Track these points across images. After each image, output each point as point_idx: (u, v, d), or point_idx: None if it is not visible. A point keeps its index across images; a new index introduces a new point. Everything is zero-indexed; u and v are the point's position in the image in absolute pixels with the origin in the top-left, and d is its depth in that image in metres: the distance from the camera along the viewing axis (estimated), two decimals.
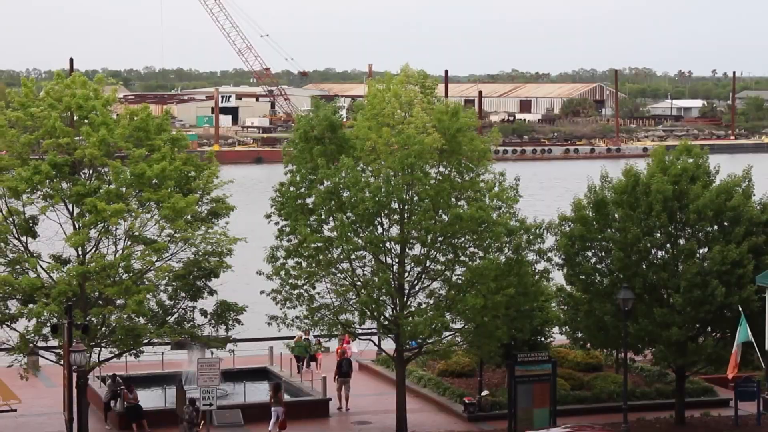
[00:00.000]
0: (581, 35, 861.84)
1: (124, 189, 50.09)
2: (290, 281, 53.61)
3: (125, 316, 49.79)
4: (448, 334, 54.74)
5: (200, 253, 51.65)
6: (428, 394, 61.29)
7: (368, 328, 58.21)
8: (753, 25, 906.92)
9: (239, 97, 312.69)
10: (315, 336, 62.15)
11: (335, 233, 53.00)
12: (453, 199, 53.58)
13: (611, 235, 55.71)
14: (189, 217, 50.63)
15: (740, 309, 50.65)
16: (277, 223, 54.18)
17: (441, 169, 54.05)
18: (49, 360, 53.40)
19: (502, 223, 53.43)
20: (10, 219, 49.92)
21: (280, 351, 65.53)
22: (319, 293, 54.17)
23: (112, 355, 52.20)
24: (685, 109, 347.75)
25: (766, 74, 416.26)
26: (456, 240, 53.52)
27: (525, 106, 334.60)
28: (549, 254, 55.68)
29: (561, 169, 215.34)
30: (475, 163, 54.34)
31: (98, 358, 51.39)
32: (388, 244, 53.80)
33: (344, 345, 65.88)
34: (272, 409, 56.49)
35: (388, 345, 58.83)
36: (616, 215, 55.88)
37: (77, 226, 49.99)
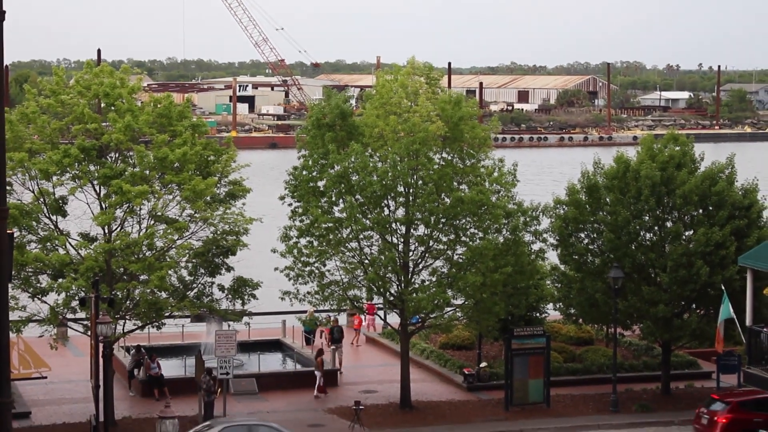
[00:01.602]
0: (576, 30, 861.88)
1: (147, 172, 50.10)
2: (302, 259, 53.67)
3: (148, 290, 49.85)
4: (449, 309, 54.76)
5: (218, 232, 51.67)
6: (430, 365, 61.38)
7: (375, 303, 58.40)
8: (738, 22, 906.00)
9: (255, 86, 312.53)
10: (323, 310, 62.18)
11: (345, 214, 53.04)
12: (455, 183, 53.64)
13: (603, 218, 55.74)
14: (208, 198, 50.64)
15: (723, 288, 50.65)
16: (290, 205, 54.26)
17: (444, 155, 54.10)
18: (77, 331, 53.46)
19: (501, 206, 53.48)
20: (42, 199, 49.94)
21: (292, 324, 65.57)
22: (329, 270, 54.24)
23: (136, 326, 52.26)
24: (673, 101, 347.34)
25: (749, 68, 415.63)
26: (457, 221, 53.54)
27: (523, 96, 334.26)
28: (544, 235, 55.74)
29: (556, 156, 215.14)
30: (476, 149, 54.40)
31: (123, 329, 51.46)
32: (394, 225, 53.84)
33: (359, 318, 67.00)
34: (315, 372, 57.70)
35: (394, 319, 58.92)
36: (607, 199, 55.93)
37: (104, 206, 50.01)
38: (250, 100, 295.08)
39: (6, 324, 11.15)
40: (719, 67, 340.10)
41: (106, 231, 50.28)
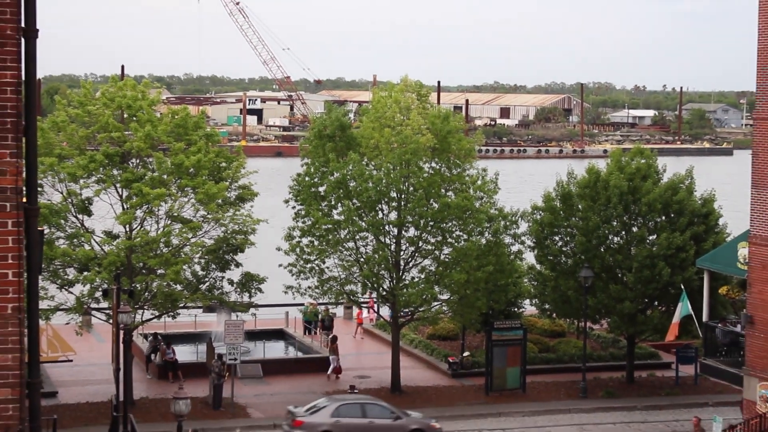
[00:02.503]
0: (553, 53, 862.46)
1: (165, 176, 50.06)
2: (304, 257, 53.68)
3: (165, 283, 49.81)
4: (436, 303, 54.84)
5: (228, 232, 51.64)
6: (418, 354, 61.34)
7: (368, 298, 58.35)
8: (699, 47, 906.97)
9: (263, 100, 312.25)
10: (322, 303, 62.17)
11: (343, 217, 53.11)
12: (442, 190, 53.67)
13: (575, 223, 55.78)
14: (220, 201, 50.62)
15: (682, 287, 50.66)
16: (293, 208, 54.27)
17: (433, 164, 54.16)
18: (100, 319, 53.47)
19: (484, 211, 53.53)
20: (69, 200, 49.90)
21: (294, 316, 65.59)
22: (328, 267, 54.25)
23: (153, 316, 52.24)
24: (640, 118, 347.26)
25: (709, 89, 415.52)
26: (444, 224, 53.56)
27: (504, 112, 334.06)
28: (522, 238, 55.85)
29: (534, 167, 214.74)
30: (462, 160, 54.43)
31: (141, 318, 51.43)
32: (387, 227, 53.88)
33: (360, 313, 67.36)
34: (330, 357, 57.70)
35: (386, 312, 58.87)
36: (579, 206, 55.94)
37: (125, 207, 49.99)
38: (258, 113, 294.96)
39: (36, 312, 11.16)
40: (681, 88, 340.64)
41: (128, 229, 50.26)
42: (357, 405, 47.26)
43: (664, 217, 54.95)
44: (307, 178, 54.18)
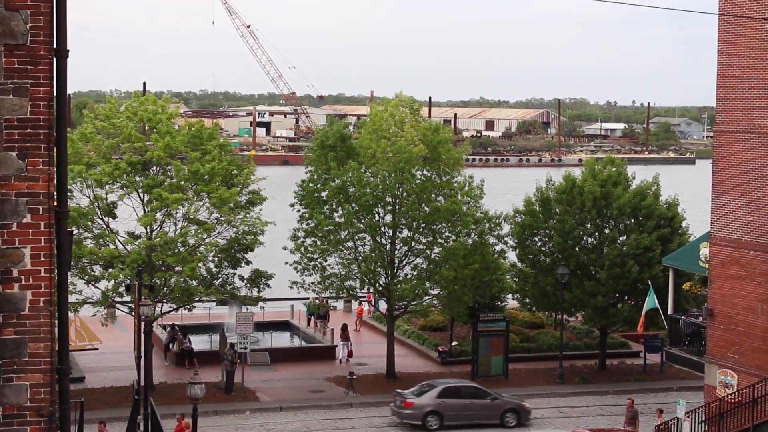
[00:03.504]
0: (533, 71, 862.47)
1: (182, 182, 50.12)
2: (308, 255, 53.69)
3: (182, 279, 49.82)
4: (427, 297, 54.88)
5: (239, 233, 51.65)
6: (411, 343, 61.35)
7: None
8: (665, 67, 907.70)
9: (271, 114, 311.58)
10: (324, 297, 62.17)
11: (343, 219, 53.15)
12: (433, 195, 53.73)
13: (553, 225, 55.84)
14: (232, 204, 50.62)
15: (649, 283, 50.68)
16: (298, 211, 54.31)
17: (424, 172, 54.21)
18: (123, 311, 53.41)
19: (470, 214, 53.59)
20: (96, 203, 49.91)
21: (298, 309, 65.60)
22: (329, 265, 54.27)
23: (171, 308, 52.25)
24: (611, 130, 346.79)
25: (674, 105, 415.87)
26: (435, 226, 53.60)
27: (489, 125, 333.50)
28: (505, 239, 55.88)
29: (515, 175, 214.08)
30: (451, 168, 54.47)
31: (160, 310, 51.39)
32: (382, 229, 53.94)
33: (360, 307, 67.20)
34: (341, 343, 58.28)
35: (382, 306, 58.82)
36: (557, 210, 56.02)
37: (146, 210, 50.00)
38: (267, 125, 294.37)
39: (65, 305, 11.15)
40: (649, 103, 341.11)
41: (148, 230, 50.28)
42: (458, 387, 48.00)
43: (633, 220, 55.03)
44: (310, 184, 54.22)
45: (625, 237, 54.87)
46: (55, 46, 11.88)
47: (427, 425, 46.07)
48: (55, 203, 11.99)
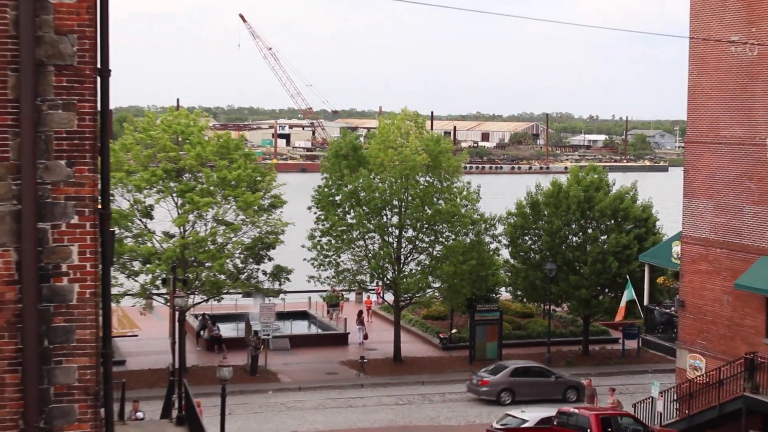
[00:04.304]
0: (524, 87, 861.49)
1: (212, 188, 50.17)
2: (323, 252, 53.74)
3: (211, 273, 49.90)
4: (429, 290, 54.88)
5: (263, 232, 51.72)
6: (415, 330, 61.36)
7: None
8: (641, 84, 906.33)
9: (291, 127, 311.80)
10: (338, 289, 62.22)
11: (354, 221, 53.17)
12: (435, 199, 53.76)
13: (542, 226, 55.83)
14: (256, 207, 50.72)
15: (627, 277, 50.65)
16: (315, 213, 54.36)
17: (427, 178, 54.21)
18: (160, 302, 53.56)
19: (468, 216, 53.60)
20: (135, 206, 50.02)
21: (315, 300, 65.62)
22: (342, 261, 54.31)
23: (202, 299, 52.31)
24: (593, 141, 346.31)
25: (649, 118, 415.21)
26: (436, 227, 53.63)
27: (485, 137, 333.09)
28: (499, 238, 55.94)
29: (508, 181, 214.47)
30: (451, 175, 54.49)
31: (193, 301, 51.51)
32: (390, 229, 53.95)
33: (369, 300, 66.99)
34: (357, 327, 58.69)
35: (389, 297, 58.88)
36: (545, 212, 56.01)
37: (180, 212, 50.10)
38: (287, 137, 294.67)
39: (109, 296, 11.20)
40: (627, 117, 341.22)
41: (182, 230, 50.38)
42: (527, 367, 48.75)
43: (612, 221, 55.03)
44: (325, 189, 54.27)
45: (605, 236, 54.88)
46: (98, 66, 11.92)
47: (501, 400, 46.80)
48: (99, 206, 12.02)
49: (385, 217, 53.78)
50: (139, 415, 39.34)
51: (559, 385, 47.88)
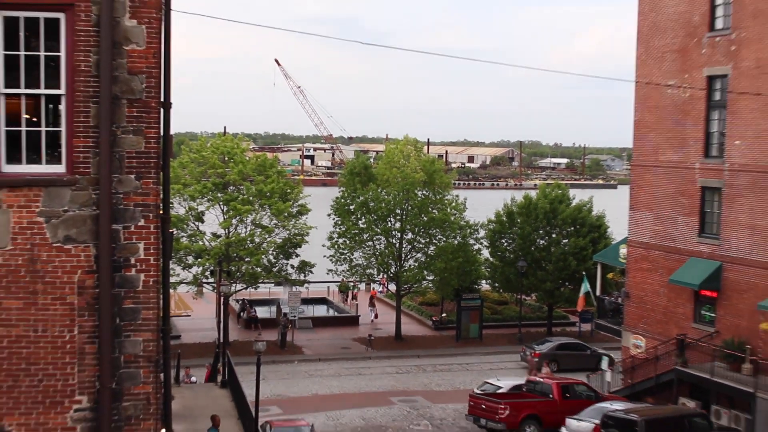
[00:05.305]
0: (503, 121, 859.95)
1: (251, 198, 50.23)
2: (339, 251, 53.79)
3: (250, 266, 49.91)
4: (425, 282, 54.83)
5: (291, 234, 51.69)
6: (413, 314, 61.28)
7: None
8: (597, 118, 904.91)
9: (315, 149, 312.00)
10: (350, 280, 62.22)
11: (365, 225, 53.17)
12: (430, 209, 53.73)
13: (515, 231, 55.80)
14: (286, 214, 50.76)
15: (584, 273, 50.66)
16: (333, 219, 54.44)
17: (424, 192, 54.23)
18: (208, 289, 53.53)
19: (456, 223, 53.62)
20: (189, 212, 50.10)
21: (333, 289, 65.59)
22: (355, 258, 54.32)
23: (242, 287, 52.30)
24: (557, 163, 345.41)
25: (602, 145, 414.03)
26: (431, 231, 53.64)
27: (470, 159, 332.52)
28: (481, 240, 55.84)
29: (489, 195, 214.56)
30: (443, 189, 54.52)
31: (234, 289, 51.56)
32: (393, 232, 53.94)
33: (374, 290, 66.80)
34: (369, 308, 58.81)
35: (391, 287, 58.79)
36: (518, 220, 55.97)
37: (225, 217, 50.13)
38: (311, 158, 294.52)
39: (168, 284, 11.27)
40: (584, 144, 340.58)
41: (226, 231, 50.41)
42: (568, 342, 48.94)
43: (572, 228, 54.99)
44: (342, 200, 54.35)
45: (566, 240, 54.85)
46: (162, 99, 12.00)
47: (550, 368, 46.65)
48: (161, 211, 12.09)
49: (389, 222, 53.82)
50: (193, 379, 39.40)
51: (593, 357, 47.40)
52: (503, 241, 56.54)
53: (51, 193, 11.48)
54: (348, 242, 53.73)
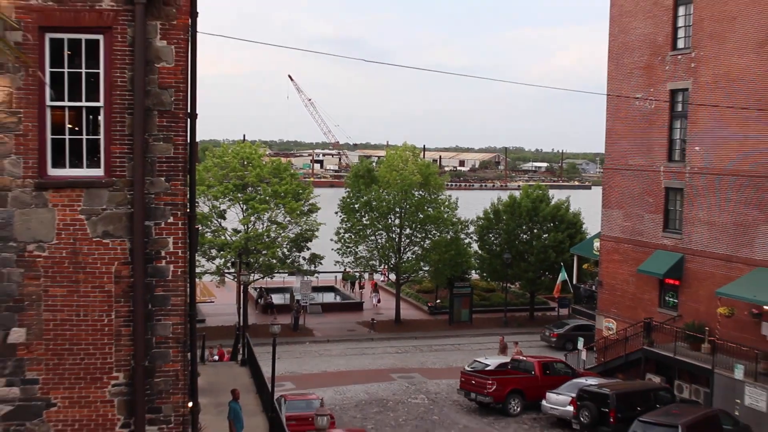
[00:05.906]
0: (490, 129, 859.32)
1: (267, 198, 50.21)
2: (346, 244, 53.76)
3: (266, 258, 49.88)
4: (421, 272, 54.82)
5: (303, 230, 51.65)
6: (411, 300, 61.25)
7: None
8: (574, 126, 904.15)
9: (324, 155, 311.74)
10: (356, 271, 62.19)
11: (368, 222, 53.15)
12: (425, 207, 53.70)
13: (501, 227, 55.77)
14: (298, 212, 50.72)
15: (562, 264, 50.64)
16: (340, 216, 54.40)
17: (420, 192, 54.19)
18: (230, 278, 53.52)
19: (449, 219, 53.57)
20: (213, 210, 50.08)
21: (340, 278, 65.56)
22: (359, 251, 54.30)
23: (260, 277, 52.26)
24: (538, 167, 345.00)
25: (578, 151, 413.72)
26: (426, 227, 53.60)
27: (462, 163, 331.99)
28: (472, 235, 55.81)
29: (478, 195, 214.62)
30: (437, 190, 54.47)
31: (253, 278, 51.55)
32: (393, 228, 53.91)
33: (373, 281, 66.82)
34: (373, 294, 58.61)
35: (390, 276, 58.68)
36: (504, 217, 55.95)
37: (244, 215, 50.12)
38: (321, 162, 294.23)
39: (194, 273, 11.31)
40: (562, 150, 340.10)
41: (246, 227, 50.38)
42: (583, 325, 48.02)
43: (552, 224, 54.97)
44: (347, 200, 54.31)
45: (546, 235, 54.82)
46: (188, 111, 12.03)
47: (566, 347, 46.80)
48: (188, 210, 12.12)
49: (390, 219, 53.81)
50: (216, 358, 39.42)
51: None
52: (491, 235, 56.55)
53: (91, 194, 11.54)
54: (353, 237, 53.73)
